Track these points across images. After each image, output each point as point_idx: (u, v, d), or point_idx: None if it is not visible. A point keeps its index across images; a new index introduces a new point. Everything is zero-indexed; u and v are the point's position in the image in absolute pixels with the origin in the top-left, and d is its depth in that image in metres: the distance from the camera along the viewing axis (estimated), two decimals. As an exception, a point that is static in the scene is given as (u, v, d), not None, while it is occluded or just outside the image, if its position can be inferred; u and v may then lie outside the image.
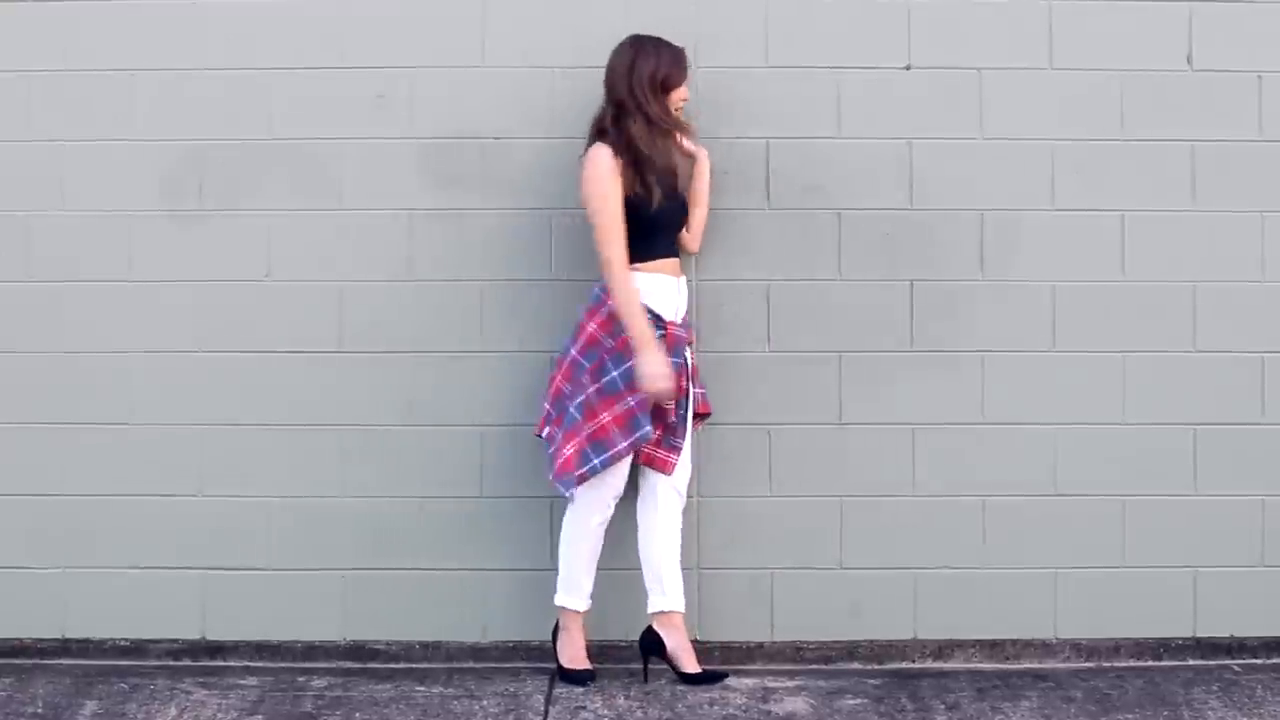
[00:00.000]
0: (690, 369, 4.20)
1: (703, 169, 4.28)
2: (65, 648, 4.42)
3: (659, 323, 4.10)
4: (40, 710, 3.98)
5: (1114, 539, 4.43)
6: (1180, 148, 4.42)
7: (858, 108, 4.41)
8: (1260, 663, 4.39)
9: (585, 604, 4.21)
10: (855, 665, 4.40)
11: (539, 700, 4.08)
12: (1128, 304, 4.43)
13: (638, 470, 4.17)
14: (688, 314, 4.22)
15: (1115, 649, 4.44)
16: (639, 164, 4.07)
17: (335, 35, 4.41)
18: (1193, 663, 4.40)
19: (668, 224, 4.19)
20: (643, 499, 4.20)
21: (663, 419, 4.11)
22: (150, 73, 4.41)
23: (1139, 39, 4.42)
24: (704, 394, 4.28)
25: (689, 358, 4.21)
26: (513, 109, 4.40)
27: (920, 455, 4.43)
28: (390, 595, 4.42)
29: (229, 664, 4.40)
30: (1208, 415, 4.43)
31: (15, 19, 4.41)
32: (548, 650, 4.33)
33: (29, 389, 4.42)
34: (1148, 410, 4.43)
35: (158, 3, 4.41)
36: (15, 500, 4.42)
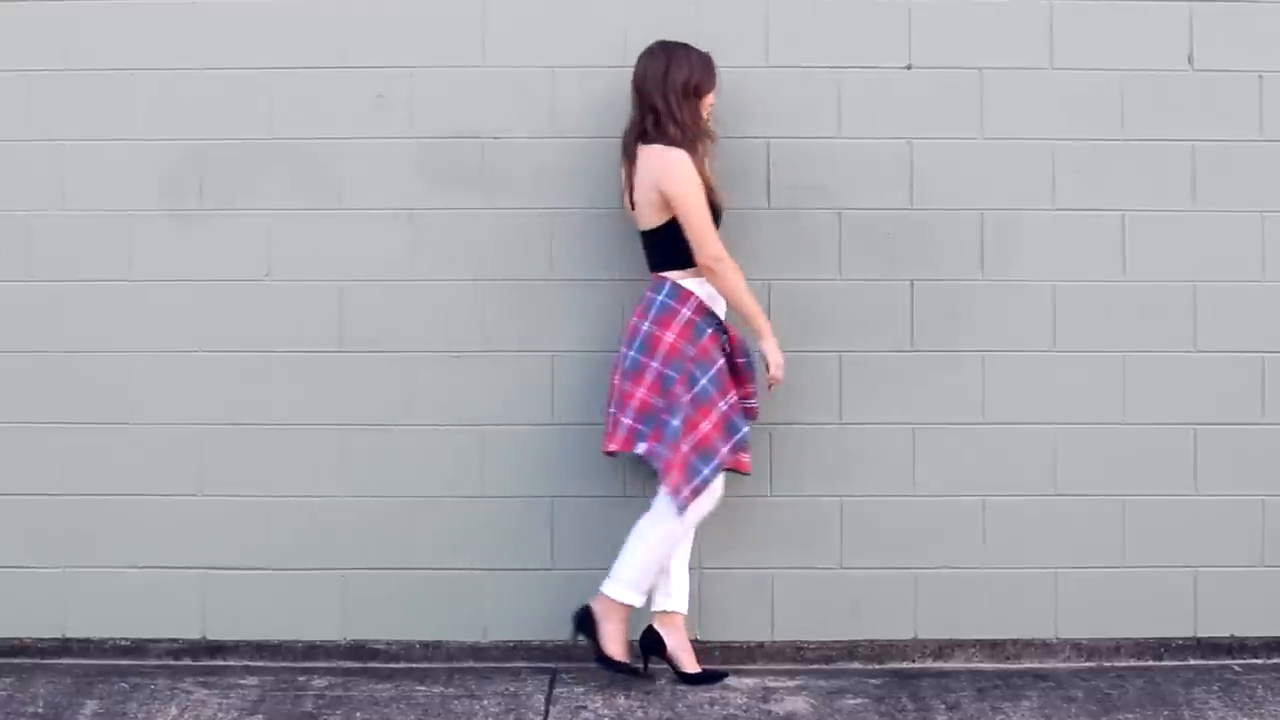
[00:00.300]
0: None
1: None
2: (65, 647, 4.42)
3: (720, 326, 4.13)
4: (41, 710, 3.98)
5: (1114, 539, 4.43)
6: (1181, 148, 4.42)
7: (858, 107, 4.41)
8: (1261, 663, 4.39)
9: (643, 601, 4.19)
10: (856, 665, 4.40)
11: (539, 700, 4.08)
12: (1128, 304, 4.43)
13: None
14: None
15: (1116, 649, 4.44)
16: None
17: (335, 35, 4.41)
18: (1193, 663, 4.40)
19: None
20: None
21: (752, 417, 4.17)
22: (150, 72, 4.40)
23: (1140, 39, 4.41)
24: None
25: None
26: (513, 109, 4.40)
27: (920, 455, 4.42)
28: (390, 595, 4.42)
29: (229, 664, 4.40)
30: (1208, 415, 4.43)
31: (15, 19, 4.40)
32: (548, 650, 4.33)
33: (29, 389, 4.41)
34: (1148, 410, 4.43)
35: (158, 3, 4.40)
36: (15, 500, 4.42)
